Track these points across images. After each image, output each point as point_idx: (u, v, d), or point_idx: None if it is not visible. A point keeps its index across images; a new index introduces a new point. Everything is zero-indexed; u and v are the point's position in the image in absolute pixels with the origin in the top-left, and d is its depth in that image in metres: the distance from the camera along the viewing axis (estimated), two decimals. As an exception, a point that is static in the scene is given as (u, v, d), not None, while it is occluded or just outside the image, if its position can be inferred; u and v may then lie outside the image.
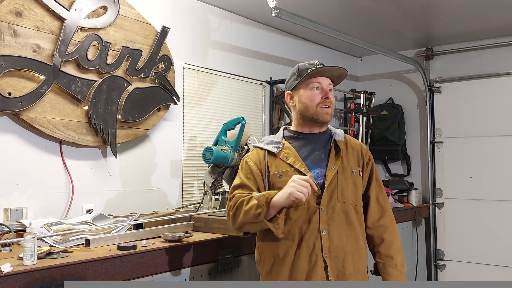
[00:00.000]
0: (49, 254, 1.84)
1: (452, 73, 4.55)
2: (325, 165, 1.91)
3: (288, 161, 1.90)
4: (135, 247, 2.04)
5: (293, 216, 1.85)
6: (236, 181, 1.97)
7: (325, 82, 1.93)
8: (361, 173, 1.97)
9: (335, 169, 1.89)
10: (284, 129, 2.05)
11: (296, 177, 1.75)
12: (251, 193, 1.85)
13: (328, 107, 1.91)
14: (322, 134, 1.98)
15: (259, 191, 1.90)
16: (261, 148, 1.99)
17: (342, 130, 2.04)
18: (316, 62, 1.94)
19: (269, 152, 1.95)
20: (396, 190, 4.41)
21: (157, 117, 2.97)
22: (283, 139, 1.99)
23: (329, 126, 2.03)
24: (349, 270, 1.85)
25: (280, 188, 1.81)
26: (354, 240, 1.88)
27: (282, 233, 1.82)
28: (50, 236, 2.07)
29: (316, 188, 1.73)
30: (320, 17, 3.56)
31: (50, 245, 2.02)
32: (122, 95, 2.72)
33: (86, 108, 2.57)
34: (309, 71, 1.90)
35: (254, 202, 1.78)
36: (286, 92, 2.01)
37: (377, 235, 1.95)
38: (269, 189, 1.89)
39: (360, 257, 1.90)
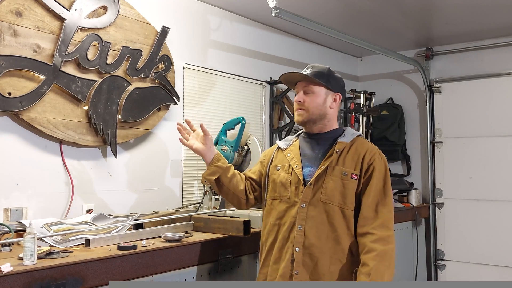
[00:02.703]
0: (49, 254, 1.84)
1: (452, 73, 4.55)
2: (319, 164, 1.98)
3: (288, 157, 2.06)
4: (135, 247, 2.04)
5: (277, 208, 2.01)
6: None
7: (300, 86, 2.05)
8: (355, 176, 1.93)
9: (324, 168, 1.93)
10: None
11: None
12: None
13: (299, 109, 2.03)
14: (327, 134, 2.05)
15: (255, 176, 2.17)
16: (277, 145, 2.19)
17: (357, 133, 2.04)
18: (307, 67, 2.07)
19: (280, 148, 2.14)
20: (396, 190, 4.41)
21: (157, 117, 2.97)
22: (295, 138, 2.14)
23: (347, 128, 2.08)
24: (323, 270, 1.86)
25: (273, 180, 2.06)
26: (334, 242, 1.88)
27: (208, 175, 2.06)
28: (50, 236, 2.07)
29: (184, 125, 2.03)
30: (320, 17, 3.56)
31: (50, 245, 2.02)
32: (122, 95, 2.72)
33: (86, 108, 2.57)
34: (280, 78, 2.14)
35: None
36: None
37: (362, 242, 1.88)
38: (267, 177, 2.10)
39: (339, 260, 1.88)
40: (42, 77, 2.37)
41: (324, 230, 1.88)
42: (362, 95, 4.53)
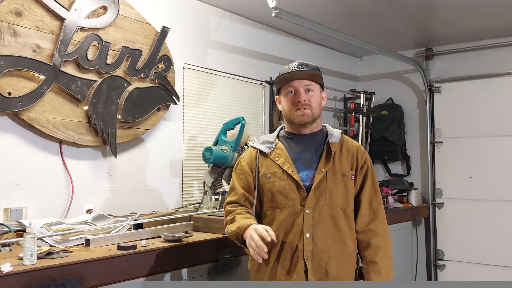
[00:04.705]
0: (49, 254, 1.85)
1: (452, 73, 4.55)
2: (315, 167, 1.90)
3: (278, 162, 1.91)
4: (135, 247, 2.04)
5: (278, 217, 1.88)
6: (230, 184, 2.05)
7: (300, 84, 1.91)
8: (353, 176, 1.94)
9: (324, 171, 1.88)
10: (281, 128, 2.05)
11: (253, 232, 1.75)
12: (241, 208, 1.94)
13: (304, 109, 1.90)
14: (315, 135, 1.97)
15: (249, 191, 1.96)
16: (255, 148, 2.01)
17: (340, 131, 2.01)
18: (294, 64, 1.93)
19: (261, 152, 1.97)
20: (396, 190, 4.41)
21: (157, 117, 2.97)
22: (277, 139, 1.99)
23: (326, 126, 2.02)
24: (332, 274, 1.84)
25: (269, 189, 1.90)
26: (340, 244, 1.87)
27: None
28: (50, 236, 2.07)
29: (269, 240, 1.71)
30: (320, 17, 3.56)
31: (50, 245, 2.02)
32: (122, 95, 2.72)
33: (86, 108, 2.57)
34: (276, 79, 1.96)
35: (232, 229, 1.87)
36: (275, 97, 2.04)
37: (364, 240, 1.92)
38: (258, 188, 1.94)
39: (347, 261, 1.88)
40: (42, 77, 2.37)
41: (331, 234, 1.86)
42: (362, 95, 4.54)
